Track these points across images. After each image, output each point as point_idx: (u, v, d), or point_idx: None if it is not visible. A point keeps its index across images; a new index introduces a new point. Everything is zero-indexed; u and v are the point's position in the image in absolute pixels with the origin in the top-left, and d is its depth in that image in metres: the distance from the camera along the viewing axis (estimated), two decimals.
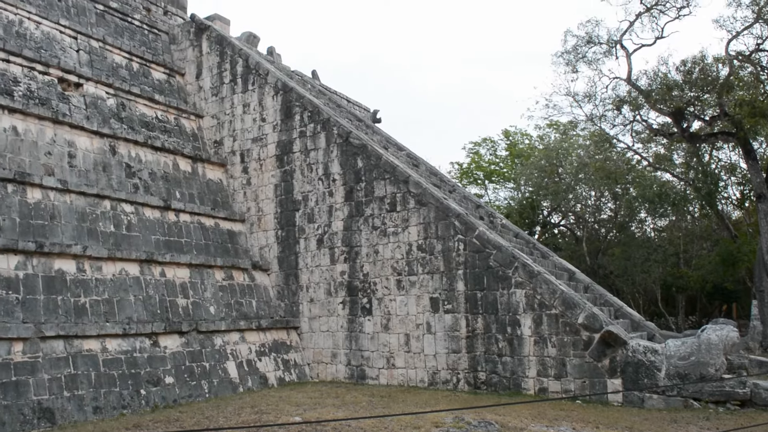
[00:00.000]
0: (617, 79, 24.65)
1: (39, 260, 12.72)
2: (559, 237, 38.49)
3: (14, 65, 15.33)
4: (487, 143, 41.45)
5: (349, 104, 27.51)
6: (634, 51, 23.87)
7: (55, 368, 11.74)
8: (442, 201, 15.11)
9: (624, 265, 30.50)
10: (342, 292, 16.49)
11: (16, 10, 16.46)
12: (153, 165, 17.17)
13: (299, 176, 17.61)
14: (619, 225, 34.42)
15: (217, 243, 17.46)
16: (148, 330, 13.73)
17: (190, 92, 20.66)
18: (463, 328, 14.42)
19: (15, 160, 13.80)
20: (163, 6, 22.77)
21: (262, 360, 16.11)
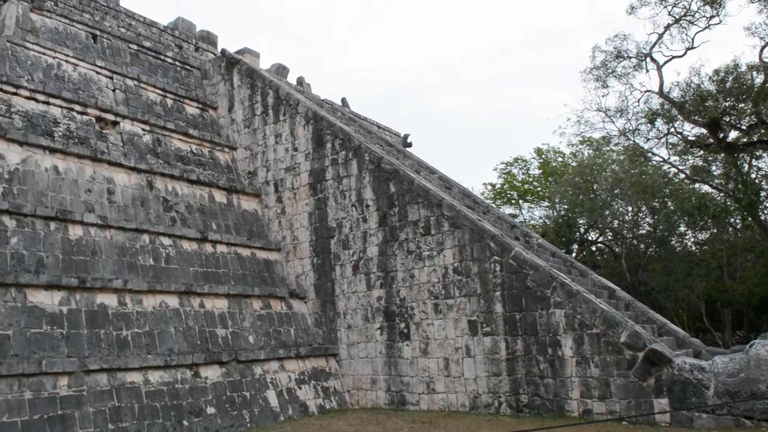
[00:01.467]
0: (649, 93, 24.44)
1: (82, 295, 12.98)
2: (597, 254, 37.92)
3: (54, 107, 15.82)
4: (519, 162, 41.28)
5: (379, 130, 27.72)
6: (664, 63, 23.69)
7: (100, 401, 11.91)
8: (476, 223, 15.05)
9: (665, 281, 29.87)
10: (379, 318, 16.46)
11: (54, 54, 17.03)
12: (189, 198, 17.47)
13: (333, 203, 17.73)
14: (659, 240, 33.78)
15: (254, 272, 17.62)
16: (188, 361, 13.87)
17: (223, 125, 21.05)
18: (503, 350, 14.26)
19: (57, 199, 14.18)
20: (194, 43, 23.33)
21: (302, 388, 16.12)
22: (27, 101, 15.30)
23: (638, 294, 29.12)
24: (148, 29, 21.80)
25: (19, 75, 15.65)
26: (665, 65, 24.27)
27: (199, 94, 21.30)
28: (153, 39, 21.69)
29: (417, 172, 19.13)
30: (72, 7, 19.33)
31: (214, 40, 24.43)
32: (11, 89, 15.03)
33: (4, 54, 15.76)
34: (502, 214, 20.46)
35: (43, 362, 11.39)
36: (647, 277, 32.06)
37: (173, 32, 22.75)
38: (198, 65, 22.35)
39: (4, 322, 11.51)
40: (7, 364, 10.93)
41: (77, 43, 18.40)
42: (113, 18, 20.67)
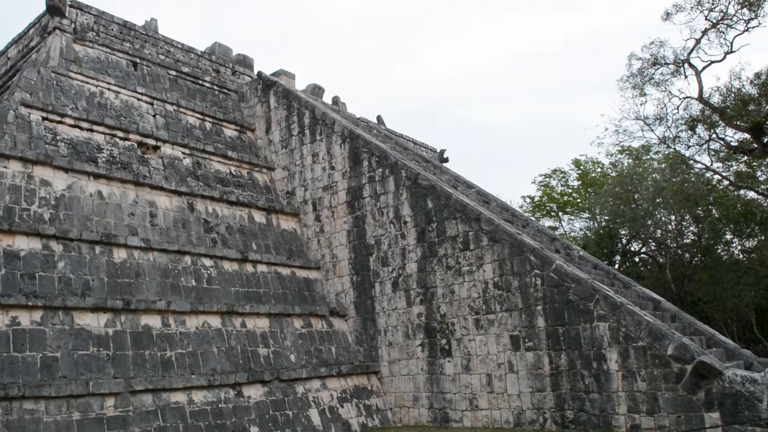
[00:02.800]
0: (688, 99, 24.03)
1: (126, 317, 13.23)
2: (641, 265, 37.18)
3: (97, 133, 16.25)
4: (557, 174, 40.86)
5: (415, 146, 27.77)
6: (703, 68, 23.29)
7: (145, 421, 12.07)
8: (515, 236, 14.92)
9: (713, 291, 29.10)
10: (420, 335, 16.38)
11: (97, 82, 17.53)
12: (229, 219, 17.71)
13: (371, 221, 17.78)
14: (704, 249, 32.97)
15: (294, 291, 17.73)
16: (231, 381, 13.98)
17: (261, 146, 21.33)
18: (546, 365, 14.04)
19: (101, 223, 14.51)
20: (231, 67, 23.76)
21: (344, 406, 16.10)
22: (72, 129, 15.75)
23: (684, 305, 28.43)
24: (186, 55, 22.29)
25: (63, 104, 16.13)
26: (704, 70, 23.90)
27: (237, 117, 21.64)
28: (191, 64, 22.15)
29: (454, 187, 19.08)
30: (113, 37, 19.89)
31: (250, 63, 24.85)
32: (57, 118, 15.51)
33: (50, 84, 16.27)
34: (542, 227, 20.24)
35: (90, 383, 11.62)
36: (693, 288, 31.29)
37: (210, 57, 23.21)
38: (235, 88, 22.74)
39: (53, 345, 11.79)
40: (56, 386, 11.17)
41: (118, 71, 18.90)
42: (152, 45, 21.19)
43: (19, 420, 10.55)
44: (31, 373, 11.25)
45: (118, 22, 20.34)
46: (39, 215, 13.52)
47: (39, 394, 10.91)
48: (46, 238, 13.12)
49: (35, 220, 13.38)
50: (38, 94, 15.70)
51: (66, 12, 18.41)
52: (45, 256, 12.89)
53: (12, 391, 10.60)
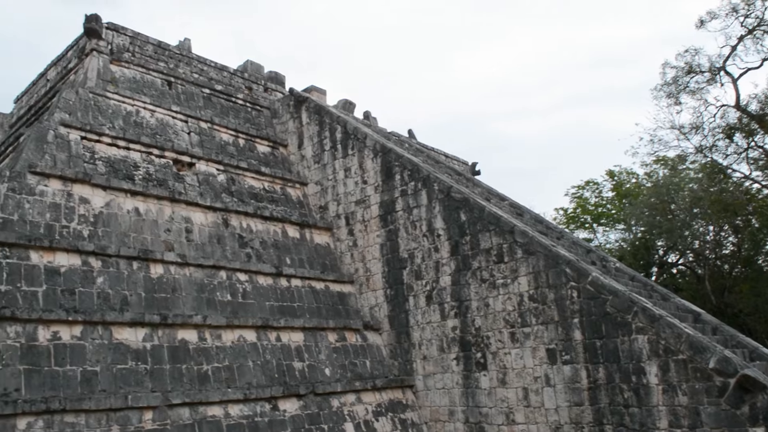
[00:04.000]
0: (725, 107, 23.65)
1: (164, 331, 13.38)
2: (679, 277, 36.49)
3: (134, 151, 16.56)
4: (590, 186, 40.39)
5: (447, 159, 27.76)
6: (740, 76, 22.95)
7: None
8: (550, 249, 14.76)
9: (754, 302, 28.40)
10: (455, 348, 16.27)
11: (133, 101, 17.90)
12: (263, 234, 17.86)
13: (404, 234, 17.77)
14: (744, 259, 32.24)
15: (328, 305, 17.77)
16: (267, 394, 14.02)
17: (294, 162, 21.51)
18: (584, 379, 13.81)
19: (138, 239, 14.75)
20: (263, 84, 24.07)
21: (379, 420, 16.02)
22: (109, 147, 16.08)
23: (725, 317, 27.77)
24: (219, 73, 22.64)
25: (101, 123, 16.49)
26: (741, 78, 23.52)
27: (270, 133, 21.88)
28: (224, 82, 22.50)
29: (487, 200, 18.99)
30: (148, 57, 20.31)
31: (282, 80, 25.13)
32: (94, 137, 15.85)
33: (88, 104, 16.65)
34: (577, 239, 20.01)
35: (129, 397, 11.75)
36: (734, 299, 30.58)
37: (243, 75, 23.54)
38: (267, 105, 23.01)
39: (92, 359, 11.97)
40: (96, 399, 11.33)
41: (154, 90, 19.27)
42: (186, 65, 21.57)
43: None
44: (72, 386, 11.43)
45: (152, 43, 20.77)
46: (78, 232, 13.79)
47: (80, 407, 11.07)
48: (86, 255, 13.37)
49: (75, 237, 13.65)
50: (77, 114, 16.07)
51: (102, 34, 18.86)
52: (84, 272, 13.13)
53: (53, 404, 10.78)
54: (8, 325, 11.28)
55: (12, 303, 11.69)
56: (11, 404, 10.35)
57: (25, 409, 10.48)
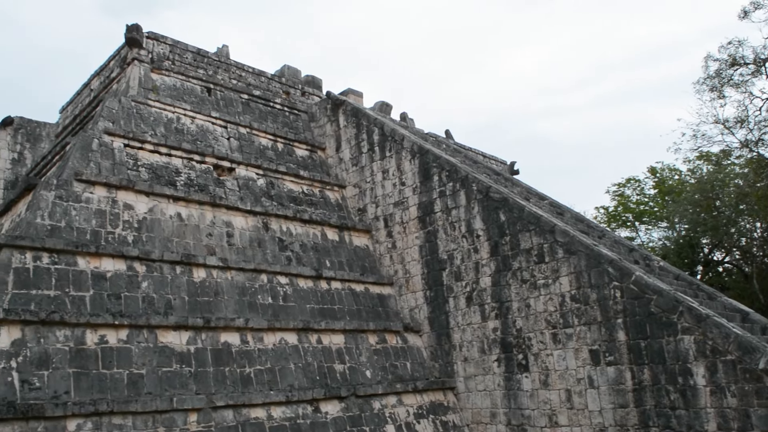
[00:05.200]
0: None
1: (207, 334, 13.58)
2: (725, 275, 35.61)
3: (175, 158, 16.86)
4: (632, 183, 39.71)
5: (485, 159, 27.59)
6: None
7: None
8: (592, 248, 14.55)
9: None
10: (496, 350, 16.15)
11: (173, 108, 18.22)
12: (303, 237, 18.00)
13: (443, 235, 17.71)
14: None
15: (368, 307, 17.81)
16: (309, 396, 14.11)
17: (332, 165, 21.63)
18: (629, 380, 13.57)
19: (181, 244, 15.00)
20: (300, 88, 24.26)
21: (421, 422, 15.99)
22: (151, 154, 16.39)
23: None
24: (257, 78, 22.89)
25: (143, 131, 16.82)
26: None
27: (308, 137, 22.04)
28: (262, 87, 22.74)
29: (526, 200, 18.82)
30: (188, 65, 20.65)
31: (319, 83, 25.30)
32: (137, 144, 16.18)
33: (130, 112, 17.00)
34: (619, 238, 19.68)
35: (174, 399, 11.95)
36: None
37: (280, 79, 23.76)
38: (305, 109, 23.19)
39: (138, 362, 12.21)
40: (142, 402, 11.55)
41: (194, 97, 19.58)
42: (225, 71, 21.87)
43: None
44: (119, 389, 11.68)
45: (192, 50, 21.11)
46: (123, 238, 14.09)
47: (126, 409, 11.30)
48: (130, 260, 13.65)
49: (120, 242, 13.95)
50: (120, 123, 16.42)
51: (143, 43, 19.24)
52: (129, 276, 13.41)
53: (102, 406, 11.02)
54: (57, 330, 11.59)
55: (61, 308, 12.01)
56: (61, 406, 10.62)
57: (74, 411, 10.74)
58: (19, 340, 11.05)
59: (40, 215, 13.11)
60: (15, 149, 22.92)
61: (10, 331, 11.02)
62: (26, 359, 10.95)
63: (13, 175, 22.45)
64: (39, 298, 11.89)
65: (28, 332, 11.22)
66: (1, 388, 10.41)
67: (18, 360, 10.86)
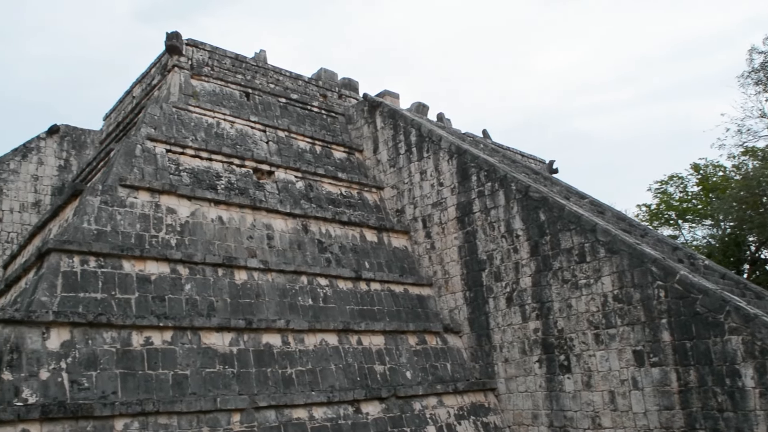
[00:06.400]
0: None
1: (249, 336, 13.75)
2: None
3: (216, 162, 17.11)
4: (674, 180, 38.89)
5: (523, 158, 27.37)
6: None
7: None
8: (634, 247, 14.32)
9: None
10: (537, 350, 16.00)
11: (213, 114, 18.51)
12: (342, 239, 18.10)
13: (482, 236, 17.62)
14: None
15: (407, 309, 17.82)
16: (350, 397, 14.18)
17: (369, 166, 21.70)
18: (674, 382, 13.31)
19: (222, 246, 15.22)
20: (337, 91, 24.40)
21: (462, 424, 15.93)
22: (192, 159, 16.67)
23: None
24: (294, 82, 23.11)
25: (184, 136, 17.11)
26: None
27: (345, 139, 22.16)
28: (299, 91, 22.94)
29: (566, 198, 18.61)
30: (226, 70, 20.94)
31: (355, 86, 25.41)
32: (179, 149, 16.47)
33: (172, 118, 17.31)
34: (662, 236, 19.32)
35: (218, 400, 12.13)
36: None
37: (317, 82, 23.94)
38: (342, 111, 23.32)
39: (183, 363, 12.42)
40: (187, 402, 11.74)
41: (232, 102, 19.86)
42: (262, 75, 22.13)
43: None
44: (164, 389, 11.89)
45: (230, 56, 21.42)
46: (166, 241, 14.36)
47: (172, 409, 11.51)
48: (174, 263, 13.90)
49: (163, 245, 14.21)
50: (161, 128, 16.74)
51: (183, 50, 19.58)
52: (173, 279, 13.66)
53: (148, 406, 11.24)
54: (105, 331, 11.86)
55: (107, 310, 12.29)
56: (109, 406, 10.86)
57: (122, 411, 10.97)
58: (68, 341, 11.34)
59: (87, 220, 13.44)
60: (61, 156, 23.55)
61: (59, 333, 11.32)
62: (75, 360, 11.23)
63: (60, 181, 23.06)
64: (86, 301, 12.19)
65: (77, 334, 11.51)
66: (51, 389, 10.70)
67: (67, 361, 11.14)
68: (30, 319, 11.00)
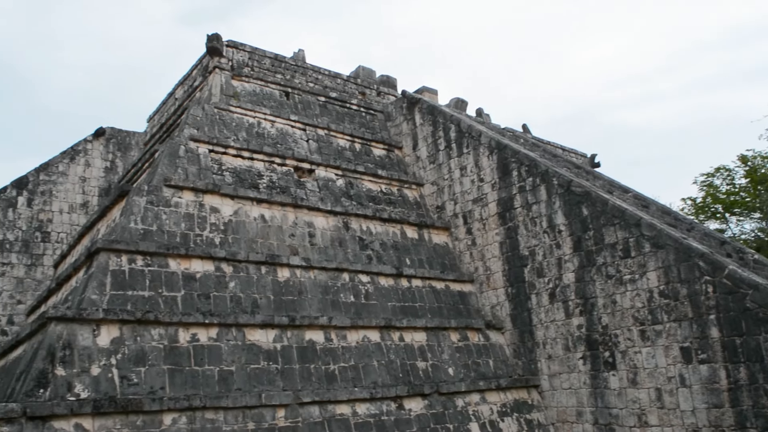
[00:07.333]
0: None
1: (292, 332, 13.90)
2: None
3: (257, 161, 17.32)
4: (721, 173, 37.96)
5: (564, 152, 27.05)
6: None
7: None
8: (680, 241, 14.04)
9: None
10: (581, 347, 15.81)
11: (254, 113, 18.74)
12: (383, 236, 18.15)
13: (523, 231, 17.48)
14: None
15: (449, 305, 17.79)
16: (392, 393, 14.22)
17: (409, 163, 21.71)
18: (723, 379, 13.01)
19: (265, 245, 15.40)
20: (375, 88, 24.45)
21: (505, 420, 15.85)
22: (234, 159, 16.90)
23: None
24: (333, 81, 23.23)
25: (226, 136, 17.36)
26: None
27: (384, 136, 22.20)
28: (338, 89, 23.06)
29: (610, 192, 18.33)
30: (266, 70, 21.17)
31: (394, 83, 25.42)
32: (221, 149, 16.72)
33: (214, 119, 17.58)
34: (709, 231, 18.88)
35: (263, 395, 12.29)
36: None
37: (355, 80, 24.03)
38: (381, 109, 23.36)
39: (228, 359, 12.62)
40: (233, 397, 11.93)
41: (272, 102, 20.07)
42: (302, 75, 22.30)
43: (202, 429, 11.37)
44: (210, 385, 12.10)
45: (269, 56, 21.64)
46: (210, 240, 14.60)
47: (218, 405, 11.71)
48: (218, 261, 14.13)
49: (207, 244, 14.46)
50: (204, 129, 17.01)
51: (223, 51, 19.86)
52: (217, 277, 13.88)
53: (195, 401, 11.46)
54: (152, 328, 12.12)
55: (155, 307, 12.56)
56: (158, 401, 11.10)
57: (170, 406, 11.20)
58: (117, 338, 11.63)
59: (134, 220, 13.74)
60: (107, 158, 24.11)
61: (109, 330, 11.61)
62: (124, 356, 11.51)
63: (107, 182, 23.62)
64: (134, 299, 12.48)
65: (126, 331, 11.79)
66: (102, 384, 10.99)
67: (117, 357, 11.43)
68: (81, 317, 11.32)
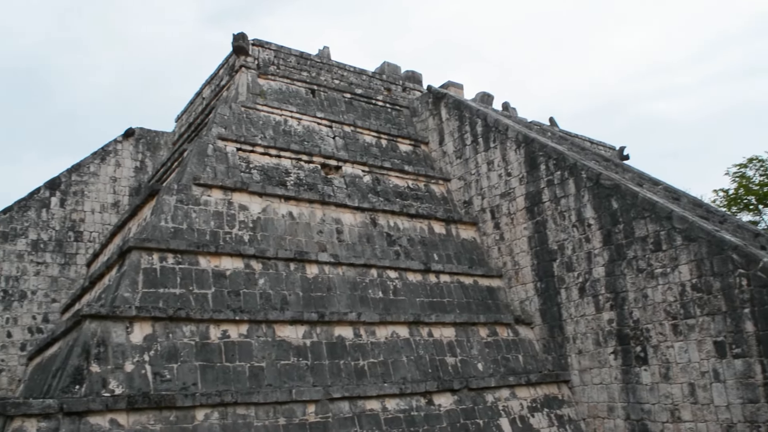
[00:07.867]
0: None
1: (321, 328, 13.97)
2: None
3: (284, 159, 17.43)
4: (755, 163, 37.24)
5: (592, 145, 26.78)
6: None
7: (344, 427, 12.64)
8: (713, 234, 13.82)
9: None
10: (612, 342, 15.65)
11: (280, 111, 18.85)
12: (410, 231, 18.14)
13: (552, 225, 17.35)
14: None
15: (477, 300, 17.73)
16: (422, 389, 14.23)
17: (435, 158, 21.66)
18: (759, 374, 12.78)
19: (293, 242, 15.50)
20: (401, 84, 24.43)
21: (535, 416, 15.76)
22: (262, 157, 17.03)
23: None
24: (358, 77, 23.26)
25: (253, 134, 17.49)
26: None
27: (410, 132, 22.18)
28: (363, 86, 23.08)
29: (639, 185, 18.10)
30: (292, 68, 21.27)
31: (419, 78, 25.38)
32: (249, 148, 16.85)
33: (241, 118, 17.72)
34: (742, 223, 18.54)
35: (293, 391, 12.39)
36: None
37: (381, 77, 24.03)
38: (406, 104, 23.34)
39: (258, 355, 12.74)
40: (263, 393, 12.04)
41: (299, 99, 20.16)
42: (327, 72, 22.36)
43: (234, 424, 11.50)
44: (241, 381, 12.23)
45: (295, 54, 21.74)
46: (239, 237, 14.73)
47: (249, 400, 11.83)
48: (247, 258, 14.26)
49: (236, 241, 14.59)
50: (231, 128, 17.16)
51: (249, 50, 20.00)
52: (247, 274, 14.01)
53: (226, 397, 11.59)
54: (184, 325, 12.28)
55: (186, 305, 12.72)
56: (190, 397, 11.25)
57: (202, 402, 11.35)
58: (150, 335, 11.80)
59: (164, 218, 13.92)
60: (137, 158, 24.44)
61: (142, 327, 11.79)
62: (157, 353, 11.68)
63: (137, 182, 23.95)
64: (166, 296, 12.65)
65: (158, 328, 11.96)
66: (136, 380, 11.17)
67: (150, 354, 11.60)
68: (114, 314, 11.51)
